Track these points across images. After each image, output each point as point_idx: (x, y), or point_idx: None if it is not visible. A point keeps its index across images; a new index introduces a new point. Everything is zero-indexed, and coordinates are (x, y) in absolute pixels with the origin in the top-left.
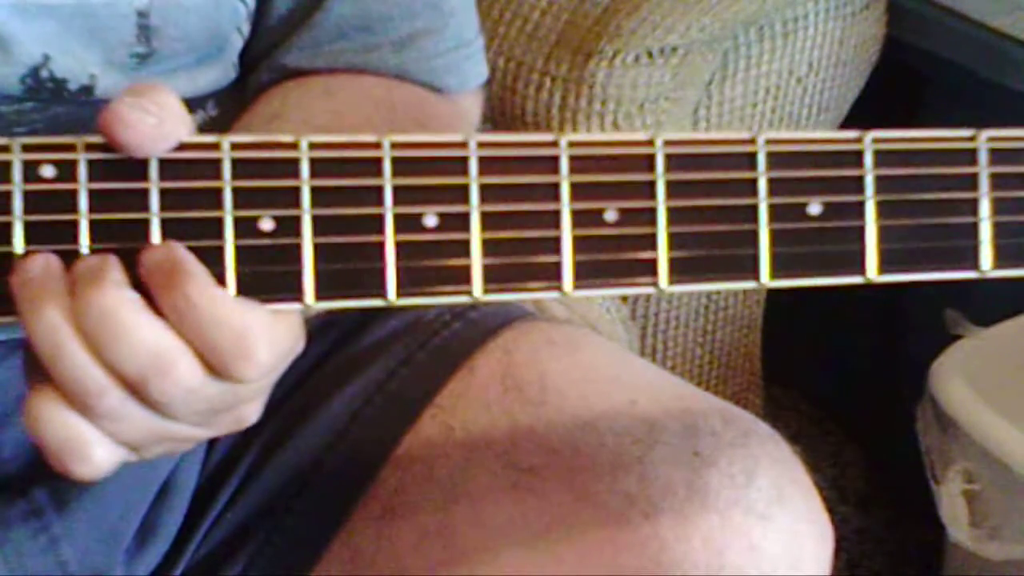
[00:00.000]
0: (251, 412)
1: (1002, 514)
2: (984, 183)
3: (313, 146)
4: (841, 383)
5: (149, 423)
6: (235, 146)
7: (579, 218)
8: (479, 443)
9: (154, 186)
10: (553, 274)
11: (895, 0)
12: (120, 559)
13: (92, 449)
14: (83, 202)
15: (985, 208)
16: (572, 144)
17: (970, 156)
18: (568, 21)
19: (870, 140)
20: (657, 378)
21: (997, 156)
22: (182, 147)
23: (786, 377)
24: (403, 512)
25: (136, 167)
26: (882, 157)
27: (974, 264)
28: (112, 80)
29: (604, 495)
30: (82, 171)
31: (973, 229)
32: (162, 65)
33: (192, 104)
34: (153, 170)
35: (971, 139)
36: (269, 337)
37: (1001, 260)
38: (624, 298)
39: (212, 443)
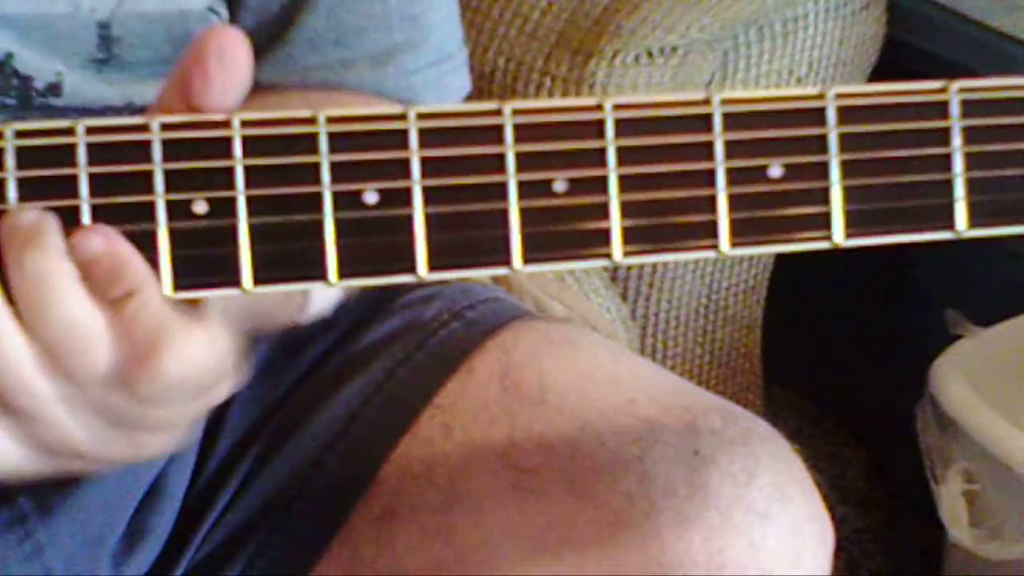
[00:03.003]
0: (152, 443)
1: (1002, 514)
2: (957, 137)
3: (246, 124)
4: (841, 383)
5: (56, 426)
6: (165, 127)
7: (526, 189)
8: (478, 443)
9: (83, 171)
10: (501, 249)
11: (895, 0)
12: (106, 563)
13: None
14: (12, 191)
15: (958, 163)
16: (517, 112)
17: (941, 109)
18: (568, 21)
19: (832, 96)
20: (657, 377)
21: (970, 108)
22: (110, 130)
23: (786, 377)
24: (403, 513)
25: (64, 153)
26: (846, 114)
27: (949, 223)
28: (78, 78)
29: (604, 494)
30: (9, 159)
31: (946, 186)
32: (128, 71)
33: None
34: (81, 155)
35: (942, 91)
36: (183, 352)
37: (976, 219)
38: (624, 297)
39: (209, 445)
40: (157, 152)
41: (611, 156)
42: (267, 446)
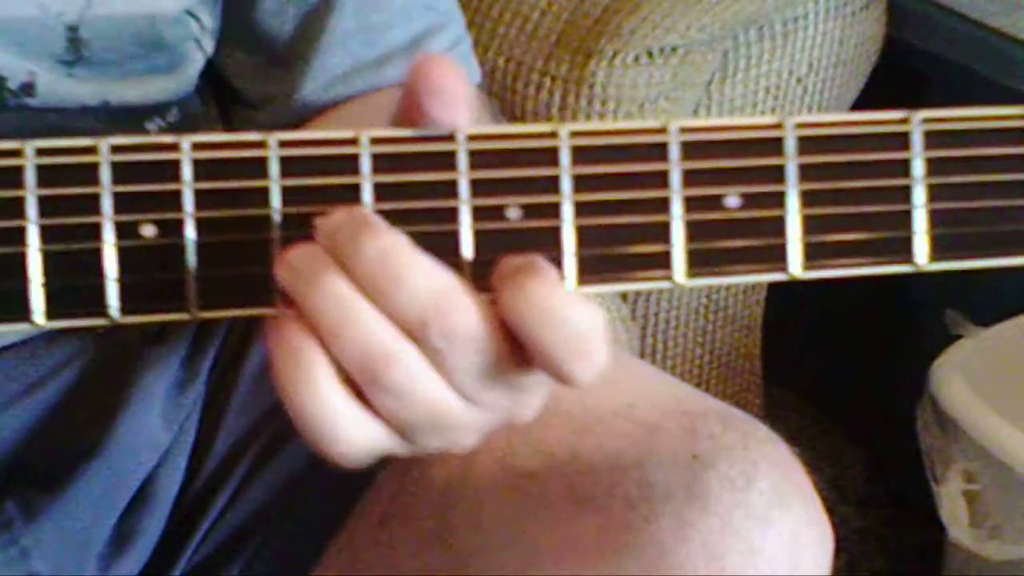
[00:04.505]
0: (532, 402)
1: (1002, 514)
2: (919, 168)
3: (197, 147)
4: (841, 383)
5: (429, 398)
6: (115, 149)
7: (480, 215)
8: (477, 447)
9: (31, 193)
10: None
11: (895, 0)
12: (92, 565)
13: (349, 427)
14: None
15: (920, 195)
16: (472, 138)
17: (902, 140)
18: (568, 21)
19: (792, 126)
20: (655, 381)
21: (933, 139)
22: (59, 151)
23: (786, 377)
24: (401, 517)
25: (11, 175)
26: (805, 143)
27: (907, 257)
28: (51, 78)
29: (603, 499)
30: None
31: (906, 218)
32: (101, 71)
33: (150, 111)
34: (30, 176)
35: (903, 121)
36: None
37: (938, 252)
38: (624, 297)
39: (205, 447)
40: (105, 175)
41: (566, 184)
42: (264, 449)
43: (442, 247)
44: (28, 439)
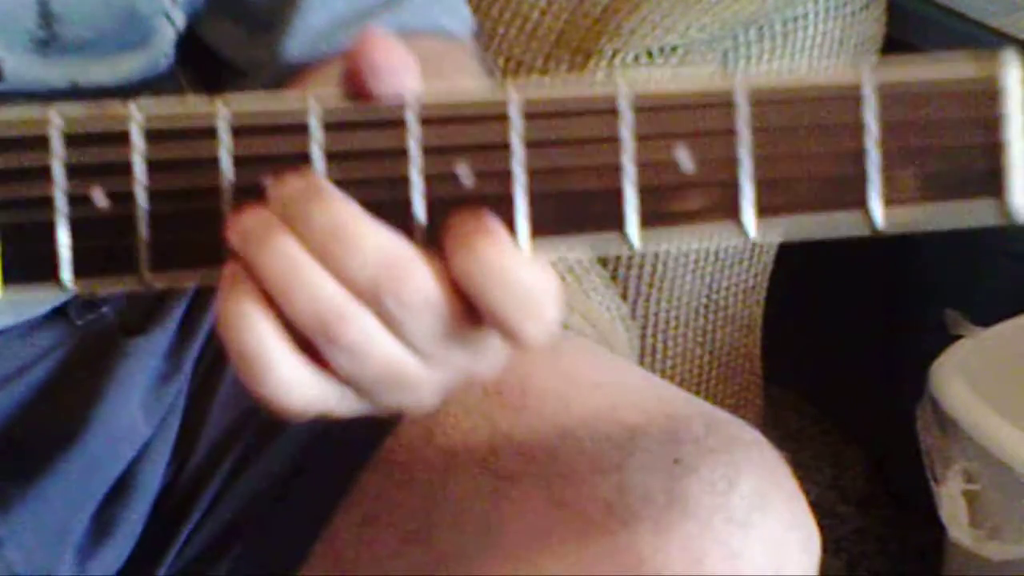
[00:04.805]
0: (491, 353)
1: (1002, 514)
2: (872, 128)
3: (148, 115)
4: (841, 383)
5: (385, 354)
6: (66, 118)
7: (432, 179)
8: (459, 448)
9: None
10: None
11: (895, 0)
12: (69, 557)
13: (279, 367)
14: None
15: (874, 155)
16: (423, 103)
17: (856, 99)
18: (568, 21)
19: (743, 86)
20: (640, 383)
21: (888, 99)
22: (12, 123)
23: (786, 377)
24: (383, 518)
25: None
26: (758, 104)
27: (865, 218)
28: (19, 63)
29: (583, 503)
30: None
31: (861, 180)
32: (72, 51)
33: (119, 93)
34: None
35: (856, 81)
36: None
37: (890, 208)
38: (624, 296)
39: (188, 443)
40: (57, 143)
41: (518, 147)
42: (248, 447)
43: (394, 212)
44: (5, 428)
